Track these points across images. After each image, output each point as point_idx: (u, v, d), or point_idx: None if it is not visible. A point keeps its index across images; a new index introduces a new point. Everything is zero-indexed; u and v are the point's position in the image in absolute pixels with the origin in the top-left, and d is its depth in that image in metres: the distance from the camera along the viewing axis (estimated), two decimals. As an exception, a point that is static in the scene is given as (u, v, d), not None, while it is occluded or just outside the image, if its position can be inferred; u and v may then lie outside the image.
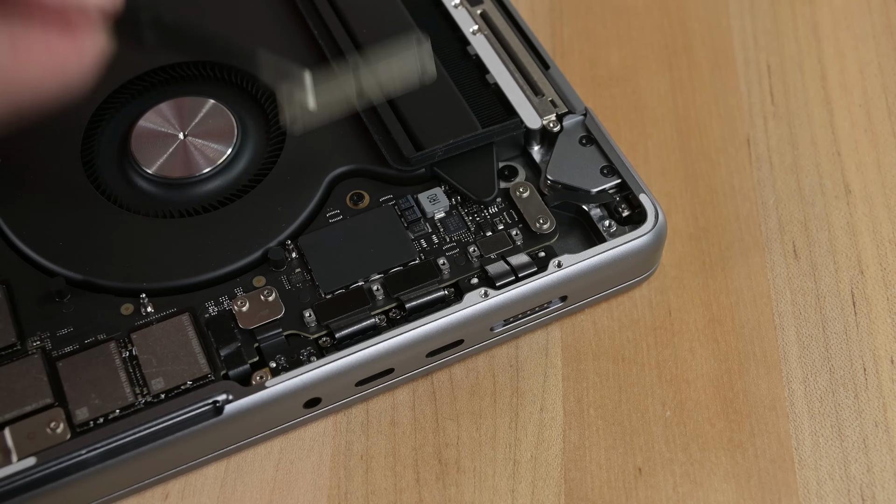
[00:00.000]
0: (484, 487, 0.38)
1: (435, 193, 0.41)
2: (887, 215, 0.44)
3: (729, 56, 0.48)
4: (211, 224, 0.41)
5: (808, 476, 0.38)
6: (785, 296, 0.42)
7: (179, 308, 0.39)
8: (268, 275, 0.39)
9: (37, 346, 0.38)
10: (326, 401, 0.38)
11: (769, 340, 0.41)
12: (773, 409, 0.39)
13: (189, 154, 0.42)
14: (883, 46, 0.49)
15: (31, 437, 0.36)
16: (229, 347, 0.38)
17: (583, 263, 0.39)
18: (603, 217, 0.41)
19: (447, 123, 0.42)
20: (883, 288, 0.42)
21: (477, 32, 0.45)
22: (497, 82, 0.43)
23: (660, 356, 0.41)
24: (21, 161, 0.42)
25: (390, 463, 0.39)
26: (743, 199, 0.44)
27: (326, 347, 0.38)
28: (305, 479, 0.38)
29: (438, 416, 0.39)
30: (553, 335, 0.41)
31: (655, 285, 0.42)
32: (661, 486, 0.38)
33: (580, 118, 0.42)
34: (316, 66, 0.44)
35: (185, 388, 0.37)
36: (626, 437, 0.39)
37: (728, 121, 0.46)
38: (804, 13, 0.50)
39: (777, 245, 0.43)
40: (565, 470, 0.38)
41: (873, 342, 0.41)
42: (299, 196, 0.41)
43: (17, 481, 0.35)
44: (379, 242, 0.40)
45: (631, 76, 0.48)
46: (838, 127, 0.46)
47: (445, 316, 0.38)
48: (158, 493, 0.38)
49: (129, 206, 0.41)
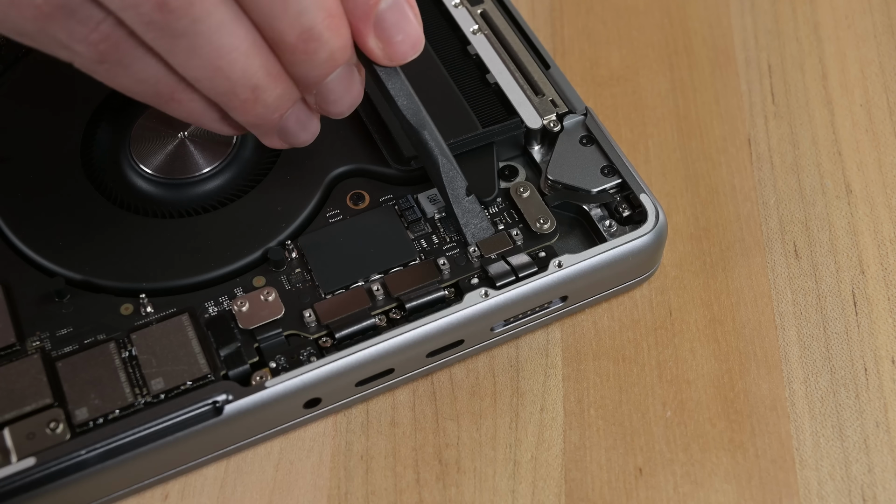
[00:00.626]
0: (484, 488, 0.38)
1: (435, 193, 0.41)
2: (888, 215, 0.43)
3: (730, 56, 0.48)
4: (211, 224, 0.41)
5: (808, 476, 0.38)
6: (786, 296, 0.42)
7: (179, 308, 0.39)
8: (268, 275, 0.39)
9: (36, 347, 0.38)
10: (326, 401, 0.38)
11: (770, 340, 0.41)
12: (773, 409, 0.39)
13: (189, 154, 0.42)
14: (884, 46, 0.48)
15: (30, 437, 0.35)
16: (229, 347, 0.38)
17: (583, 263, 0.39)
18: (603, 217, 0.41)
19: (447, 123, 0.42)
20: (884, 288, 0.42)
21: (477, 32, 0.45)
22: (497, 82, 0.43)
23: (660, 356, 0.40)
24: (21, 161, 0.42)
25: (390, 463, 0.38)
26: (744, 198, 0.44)
27: (326, 347, 0.38)
28: (305, 479, 0.38)
29: (438, 416, 0.39)
30: (553, 335, 0.41)
31: (656, 285, 0.42)
32: (662, 487, 0.38)
33: (581, 118, 0.42)
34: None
35: (184, 388, 0.37)
36: (626, 438, 0.39)
37: (729, 120, 0.46)
38: (805, 13, 0.50)
39: (778, 245, 0.43)
40: (566, 470, 0.38)
41: (874, 342, 0.40)
42: (299, 196, 0.41)
43: (17, 481, 0.35)
44: (379, 242, 0.40)
45: (631, 76, 0.48)
46: (839, 127, 0.46)
47: (445, 316, 0.38)
48: (158, 494, 0.38)
49: (129, 206, 0.41)
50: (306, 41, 0.33)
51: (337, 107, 0.36)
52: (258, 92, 0.34)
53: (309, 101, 0.36)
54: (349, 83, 0.35)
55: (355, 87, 0.36)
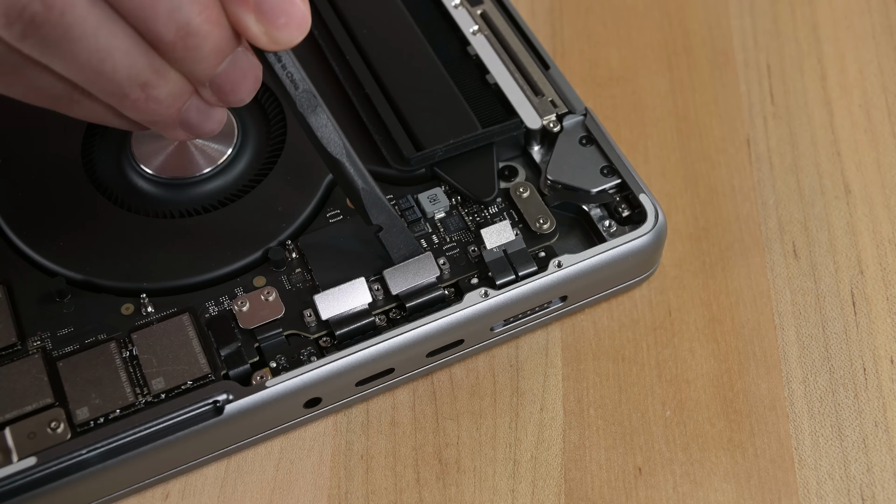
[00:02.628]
0: (484, 487, 0.38)
1: (435, 193, 0.41)
2: (887, 215, 0.44)
3: (729, 56, 0.48)
4: (211, 224, 0.41)
5: (807, 476, 0.38)
6: (785, 296, 0.42)
7: (180, 308, 0.39)
8: (268, 275, 0.40)
9: (37, 346, 0.38)
10: (326, 401, 0.38)
11: (769, 340, 0.41)
12: (772, 408, 0.39)
13: (189, 154, 0.42)
14: (883, 46, 0.49)
15: (31, 436, 0.36)
16: (229, 347, 0.38)
17: (583, 263, 0.39)
18: (603, 217, 0.41)
19: (447, 123, 0.42)
20: (883, 288, 0.42)
21: (477, 32, 0.45)
22: (497, 82, 0.43)
23: (660, 356, 0.41)
24: (22, 161, 0.42)
25: (390, 463, 0.39)
26: (743, 199, 0.44)
27: (326, 347, 0.38)
28: (305, 479, 0.38)
29: (438, 416, 0.39)
30: (553, 335, 0.41)
31: (655, 285, 0.42)
32: (661, 486, 0.38)
33: (580, 118, 0.42)
34: (316, 67, 0.45)
35: (185, 387, 0.37)
36: (626, 437, 0.39)
37: (728, 121, 0.46)
38: (804, 13, 0.50)
39: (777, 245, 0.43)
40: (565, 470, 0.38)
41: (873, 342, 0.41)
42: (300, 196, 0.41)
43: (18, 481, 0.35)
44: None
45: (631, 76, 0.48)
46: (838, 127, 0.46)
47: (445, 316, 0.38)
48: (159, 493, 0.38)
49: (130, 206, 0.41)
50: (185, 38, 0.32)
51: (235, 96, 0.34)
52: (148, 89, 0.33)
53: (204, 94, 0.34)
54: (243, 70, 0.34)
55: (250, 73, 0.34)
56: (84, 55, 0.31)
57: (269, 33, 0.33)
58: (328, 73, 0.44)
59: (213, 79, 0.33)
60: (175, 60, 0.32)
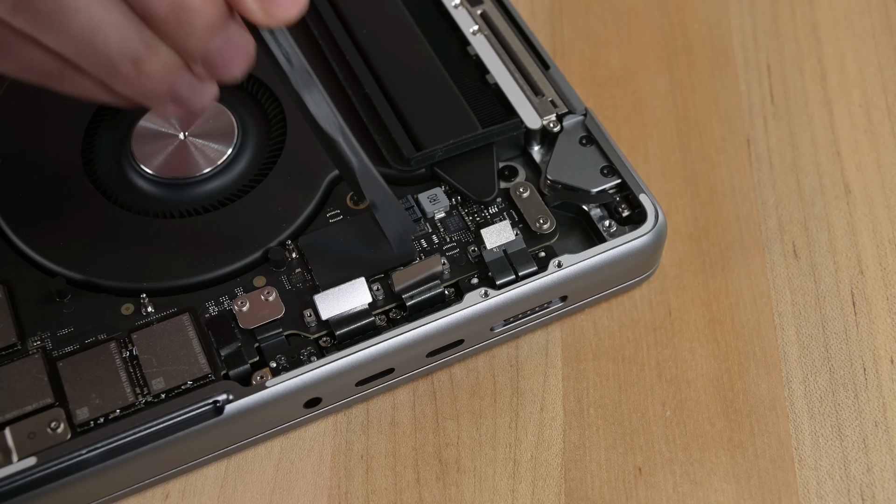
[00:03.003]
0: (484, 487, 0.38)
1: (435, 193, 0.41)
2: (887, 215, 0.44)
3: (729, 56, 0.48)
4: (211, 224, 0.41)
5: (807, 476, 0.38)
6: (785, 296, 0.42)
7: (180, 308, 0.39)
8: (268, 275, 0.40)
9: (37, 346, 0.38)
10: (326, 401, 0.38)
11: (769, 340, 0.41)
12: (772, 408, 0.39)
13: (189, 154, 0.42)
14: (883, 47, 0.49)
15: (31, 436, 0.36)
16: (229, 347, 0.38)
17: (583, 263, 0.39)
18: (603, 217, 0.41)
19: (447, 123, 0.42)
20: (883, 288, 0.42)
21: (477, 32, 0.45)
22: (497, 82, 0.43)
23: (660, 356, 0.41)
24: (22, 161, 0.42)
25: (390, 463, 0.39)
26: (743, 199, 0.44)
27: (326, 347, 0.38)
28: (305, 479, 0.38)
29: (438, 416, 0.39)
30: (553, 335, 0.41)
31: (655, 285, 0.42)
32: (661, 486, 0.38)
33: (580, 118, 0.42)
34: (316, 66, 0.45)
35: (185, 387, 0.37)
36: (626, 437, 0.39)
37: (728, 121, 0.46)
38: (804, 13, 0.50)
39: (777, 245, 0.43)
40: (565, 470, 0.38)
41: (873, 342, 0.41)
42: (299, 196, 0.41)
43: (18, 481, 0.35)
44: (379, 242, 0.40)
45: (631, 76, 0.48)
46: (838, 127, 0.46)
47: (446, 316, 0.38)
48: (159, 493, 0.38)
49: (130, 206, 0.41)
50: (177, 12, 0.31)
51: (226, 72, 0.34)
52: (140, 64, 0.32)
53: (196, 70, 0.34)
54: (235, 46, 0.33)
55: (242, 49, 0.33)
56: (76, 29, 0.31)
57: (265, 8, 0.32)
58: (328, 73, 0.44)
59: (205, 54, 0.33)
60: (167, 35, 0.32)
